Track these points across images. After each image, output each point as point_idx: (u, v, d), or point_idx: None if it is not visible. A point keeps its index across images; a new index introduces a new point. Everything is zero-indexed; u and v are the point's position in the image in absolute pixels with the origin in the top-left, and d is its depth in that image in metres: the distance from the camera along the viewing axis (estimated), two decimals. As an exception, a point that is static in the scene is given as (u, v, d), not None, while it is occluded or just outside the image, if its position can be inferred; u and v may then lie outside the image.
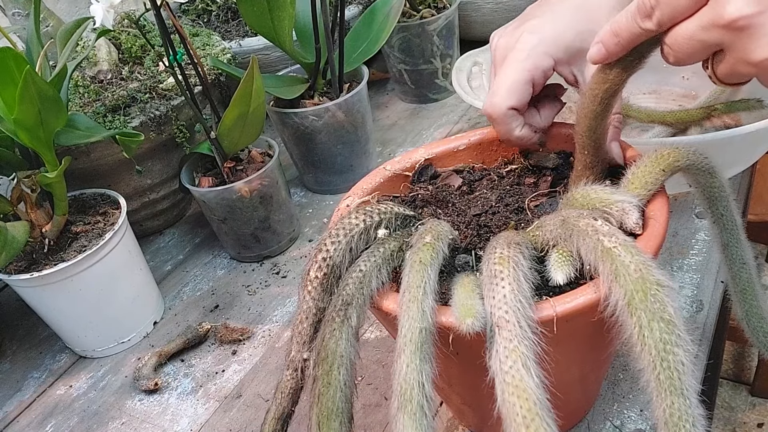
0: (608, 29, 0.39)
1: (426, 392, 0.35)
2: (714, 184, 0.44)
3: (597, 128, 0.44)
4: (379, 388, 0.59)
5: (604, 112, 0.43)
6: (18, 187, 0.64)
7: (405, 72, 0.99)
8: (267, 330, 0.69)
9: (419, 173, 0.54)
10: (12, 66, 0.55)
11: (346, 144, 0.82)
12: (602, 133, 0.45)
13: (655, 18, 0.36)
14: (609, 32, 0.39)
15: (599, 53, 0.40)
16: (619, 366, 0.56)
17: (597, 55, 0.40)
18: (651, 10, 0.36)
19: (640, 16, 0.37)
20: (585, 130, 0.44)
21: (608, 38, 0.39)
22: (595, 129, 0.44)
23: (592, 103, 0.43)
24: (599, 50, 0.40)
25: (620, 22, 0.38)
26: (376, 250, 0.41)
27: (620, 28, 0.38)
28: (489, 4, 1.00)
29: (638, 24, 0.37)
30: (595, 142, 0.45)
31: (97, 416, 0.64)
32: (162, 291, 0.76)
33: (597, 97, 0.42)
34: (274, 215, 0.76)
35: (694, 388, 0.33)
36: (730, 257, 0.47)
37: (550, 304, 0.37)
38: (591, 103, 0.43)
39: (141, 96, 0.75)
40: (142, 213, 0.82)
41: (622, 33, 0.38)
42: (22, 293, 0.66)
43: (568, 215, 0.39)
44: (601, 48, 0.40)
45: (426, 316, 0.36)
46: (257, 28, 0.75)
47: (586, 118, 0.44)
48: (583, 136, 0.45)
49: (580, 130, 0.45)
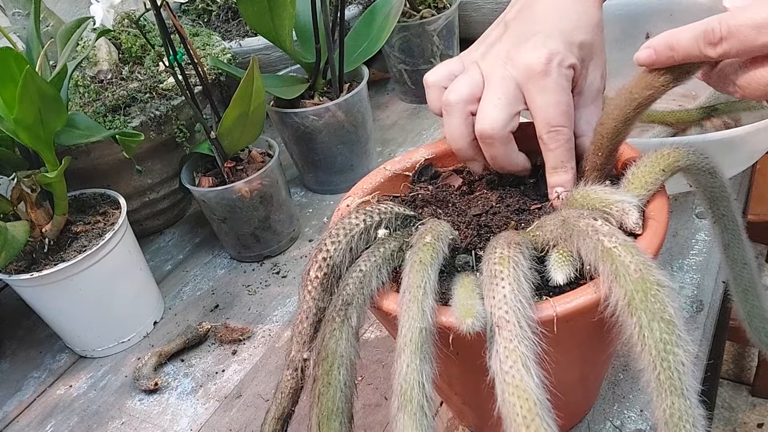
0: (664, 40, 0.38)
1: (426, 392, 0.35)
2: (714, 184, 0.44)
3: (621, 132, 0.43)
4: (379, 388, 0.59)
5: (634, 118, 0.42)
6: (18, 186, 0.64)
7: (405, 72, 0.99)
8: (267, 330, 0.69)
9: (419, 173, 0.54)
10: (12, 66, 0.55)
11: (346, 144, 0.82)
12: (624, 138, 0.44)
13: (721, 49, 0.35)
14: (664, 44, 0.38)
15: (648, 58, 0.39)
16: (620, 366, 0.56)
17: (646, 59, 0.39)
18: (719, 41, 0.35)
19: (705, 41, 0.36)
20: (609, 131, 0.43)
21: (662, 49, 0.38)
22: (619, 133, 0.43)
23: (627, 107, 0.42)
24: (649, 55, 0.39)
25: (679, 39, 0.37)
26: (377, 250, 0.41)
27: (678, 44, 0.37)
28: (489, 4, 1.00)
29: (700, 48, 0.36)
30: (614, 145, 0.44)
31: (97, 416, 0.64)
32: (162, 291, 0.76)
33: (634, 101, 0.41)
34: (274, 215, 0.76)
35: (695, 388, 0.33)
36: (731, 257, 0.47)
37: (550, 304, 0.37)
38: (626, 106, 0.42)
39: (141, 96, 0.75)
40: (142, 213, 0.82)
41: (679, 50, 0.37)
42: (22, 293, 0.66)
43: (569, 215, 0.39)
44: (651, 54, 0.39)
45: (426, 316, 0.36)
46: (257, 28, 0.75)
47: (614, 121, 0.43)
48: (604, 138, 0.44)
49: (603, 132, 0.44)
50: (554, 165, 0.47)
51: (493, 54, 0.49)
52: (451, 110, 0.49)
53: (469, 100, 0.48)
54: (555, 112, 0.46)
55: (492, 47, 0.50)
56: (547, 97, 0.46)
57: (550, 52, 0.46)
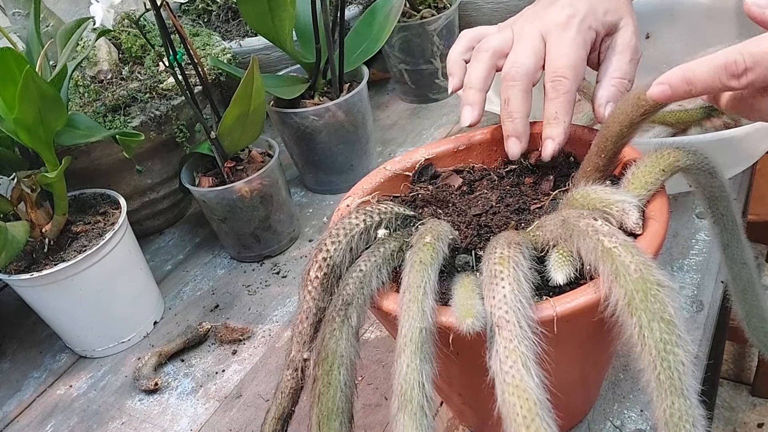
0: (680, 75, 0.37)
1: (426, 392, 0.35)
2: (714, 184, 0.44)
3: (625, 136, 0.43)
4: (380, 388, 0.59)
5: (639, 124, 0.42)
6: (18, 186, 0.64)
7: (405, 72, 0.99)
8: (267, 330, 0.69)
9: (419, 173, 0.54)
10: (12, 66, 0.55)
11: (346, 144, 0.82)
12: (627, 141, 0.44)
13: (746, 79, 0.35)
14: (681, 78, 0.37)
15: (663, 94, 0.38)
16: (620, 366, 0.56)
17: (660, 96, 0.38)
18: (744, 72, 0.34)
19: (728, 74, 0.35)
20: (614, 134, 0.43)
21: (679, 84, 0.37)
22: (623, 136, 0.43)
23: (634, 113, 0.41)
24: (663, 91, 0.38)
25: (697, 73, 0.36)
26: (377, 250, 0.41)
27: (696, 78, 0.36)
28: (489, 4, 1.00)
29: (722, 81, 0.35)
30: (618, 148, 0.44)
31: (97, 416, 0.64)
32: (162, 291, 0.76)
33: (641, 108, 0.41)
34: (274, 215, 0.76)
35: (695, 388, 0.33)
36: (730, 257, 0.47)
37: (550, 304, 0.37)
38: (632, 112, 0.41)
39: (141, 96, 0.75)
40: (142, 213, 0.82)
41: (697, 84, 0.36)
42: (22, 293, 0.66)
43: (569, 215, 0.39)
44: (666, 90, 0.38)
45: (426, 316, 0.36)
46: (257, 28, 0.75)
47: (619, 125, 0.43)
48: (608, 140, 0.44)
49: (608, 134, 0.44)
50: (549, 116, 0.49)
51: (524, 17, 0.55)
52: (479, 57, 0.53)
53: (497, 53, 0.52)
54: (564, 62, 0.49)
55: (523, 14, 0.56)
56: (562, 47, 0.50)
57: (575, 10, 0.51)
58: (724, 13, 0.76)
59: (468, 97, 0.52)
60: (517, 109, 0.49)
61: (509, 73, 0.50)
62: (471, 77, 0.52)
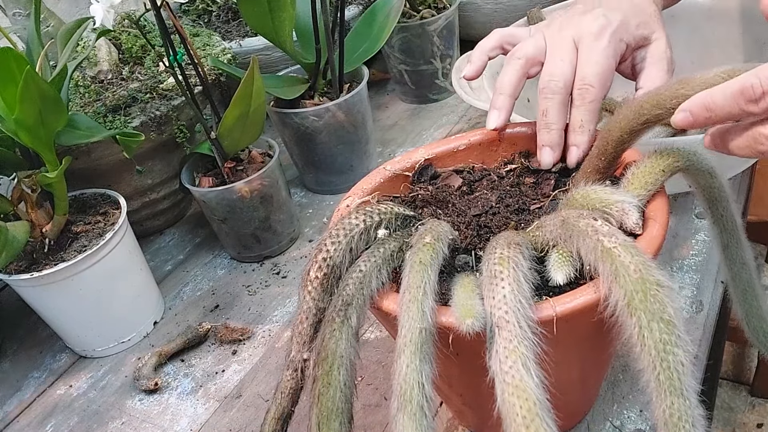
0: (700, 102, 0.37)
1: (426, 392, 0.35)
2: (714, 185, 0.44)
3: (626, 141, 0.43)
4: (379, 389, 0.59)
5: (641, 131, 0.42)
6: (18, 187, 0.64)
7: (405, 72, 0.99)
8: (267, 330, 0.69)
9: (419, 173, 0.54)
10: (13, 66, 0.55)
11: (346, 144, 0.82)
12: (628, 147, 0.44)
13: (764, 104, 0.34)
14: (701, 105, 0.37)
15: (685, 121, 0.38)
16: (619, 366, 0.56)
17: (683, 123, 0.38)
18: (761, 96, 0.34)
19: (745, 99, 0.35)
20: (615, 139, 0.43)
21: (699, 111, 0.37)
22: (624, 142, 0.43)
23: (635, 120, 0.42)
24: (686, 118, 0.38)
25: (716, 99, 0.36)
26: (376, 251, 0.41)
27: (715, 104, 0.36)
28: (489, 4, 1.00)
29: (741, 107, 0.35)
30: (618, 152, 0.44)
31: (97, 416, 0.64)
32: (162, 291, 0.76)
33: (643, 116, 0.41)
34: (274, 215, 0.76)
35: (694, 388, 0.33)
36: (730, 258, 0.47)
37: (550, 304, 0.37)
38: (634, 119, 0.42)
39: (141, 96, 0.75)
40: (142, 213, 0.82)
41: (717, 111, 0.36)
42: (23, 293, 0.66)
43: (568, 215, 0.39)
44: (688, 116, 0.38)
45: (426, 317, 0.36)
46: (257, 29, 0.75)
47: (620, 131, 0.43)
48: (609, 144, 0.44)
49: (609, 138, 0.44)
50: (575, 124, 0.49)
51: (558, 23, 0.55)
52: (513, 63, 0.53)
53: (530, 61, 0.53)
54: (592, 71, 0.50)
55: (558, 19, 0.56)
56: (592, 56, 0.50)
57: (608, 21, 0.52)
58: (725, 14, 0.76)
59: (497, 102, 0.52)
60: (555, 121, 0.50)
61: (548, 86, 0.50)
62: (503, 82, 0.53)
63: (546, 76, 0.51)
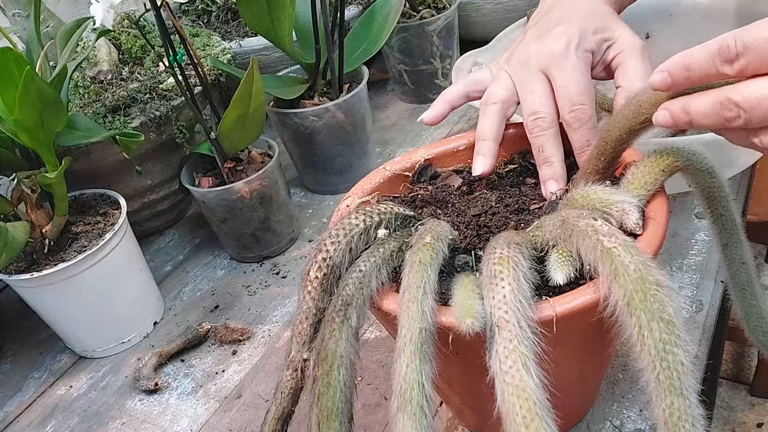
0: (679, 61, 0.37)
1: (426, 392, 0.35)
2: (713, 184, 0.44)
3: (625, 141, 0.43)
4: (379, 388, 0.59)
5: (640, 131, 0.42)
6: (18, 187, 0.64)
7: (405, 72, 0.99)
8: (267, 330, 0.69)
9: (419, 173, 0.54)
10: (12, 67, 0.55)
11: (345, 144, 0.82)
12: (627, 146, 0.44)
13: (738, 65, 0.34)
14: (679, 65, 0.37)
15: (663, 82, 0.38)
16: (619, 366, 0.56)
17: (661, 84, 0.38)
18: (735, 57, 0.34)
19: (721, 59, 0.34)
20: (613, 139, 0.43)
21: (677, 70, 0.37)
22: (623, 142, 0.43)
23: (634, 120, 0.41)
24: (664, 79, 0.38)
25: (694, 58, 0.36)
26: (376, 251, 0.41)
27: (693, 64, 0.36)
28: (489, 4, 1.00)
29: (716, 66, 0.35)
30: (617, 153, 0.44)
31: (97, 416, 0.64)
32: (162, 291, 0.76)
33: (641, 116, 0.41)
34: (274, 216, 0.76)
35: (694, 388, 0.33)
36: (729, 257, 0.48)
37: (550, 304, 0.37)
38: (633, 119, 0.42)
39: (141, 96, 0.75)
40: (142, 213, 0.82)
41: (695, 69, 0.36)
42: (23, 293, 0.66)
43: (568, 215, 0.39)
44: (666, 77, 0.38)
45: (426, 316, 0.36)
46: (257, 29, 0.75)
47: (619, 130, 0.43)
48: (607, 144, 0.44)
49: (608, 138, 0.44)
50: (580, 145, 0.49)
51: (516, 55, 0.54)
52: (489, 110, 0.53)
53: (506, 104, 0.53)
54: (576, 90, 0.50)
55: (515, 51, 0.55)
56: (568, 76, 0.50)
57: (568, 37, 0.51)
58: (723, 14, 0.76)
59: (482, 148, 0.52)
60: (554, 154, 0.50)
61: (537, 124, 0.50)
62: (484, 130, 0.52)
63: (530, 116, 0.50)
